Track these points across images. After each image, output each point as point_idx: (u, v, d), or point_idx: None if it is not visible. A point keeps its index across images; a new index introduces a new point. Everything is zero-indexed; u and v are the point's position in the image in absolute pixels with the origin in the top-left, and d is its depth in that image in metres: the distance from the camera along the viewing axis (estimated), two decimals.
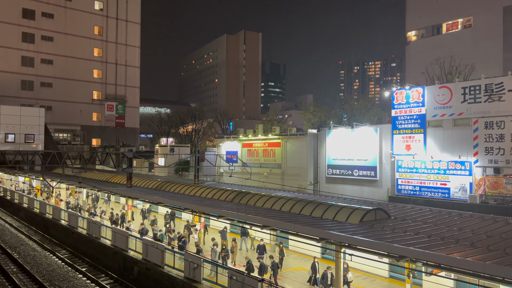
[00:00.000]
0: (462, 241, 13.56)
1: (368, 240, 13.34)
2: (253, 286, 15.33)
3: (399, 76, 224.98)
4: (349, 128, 36.55)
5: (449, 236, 14.28)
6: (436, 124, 30.42)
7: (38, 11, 70.01)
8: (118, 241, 24.14)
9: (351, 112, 62.95)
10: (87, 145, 72.50)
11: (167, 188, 30.03)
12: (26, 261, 24.48)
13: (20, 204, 42.13)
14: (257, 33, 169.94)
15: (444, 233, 14.87)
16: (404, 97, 31.96)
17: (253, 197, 22.80)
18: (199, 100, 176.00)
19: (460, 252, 12.09)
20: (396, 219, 17.98)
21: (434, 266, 12.20)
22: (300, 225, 15.84)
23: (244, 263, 18.40)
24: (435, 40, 73.69)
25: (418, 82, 45.42)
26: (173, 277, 19.07)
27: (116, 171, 42.17)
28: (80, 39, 74.37)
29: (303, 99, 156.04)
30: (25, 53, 68.77)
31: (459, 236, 14.22)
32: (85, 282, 21.04)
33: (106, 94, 77.61)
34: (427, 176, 30.25)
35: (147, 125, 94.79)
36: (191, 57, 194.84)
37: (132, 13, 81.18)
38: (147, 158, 54.75)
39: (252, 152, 45.73)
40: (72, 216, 30.74)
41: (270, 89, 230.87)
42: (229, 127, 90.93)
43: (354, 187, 35.31)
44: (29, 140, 55.57)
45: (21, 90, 68.17)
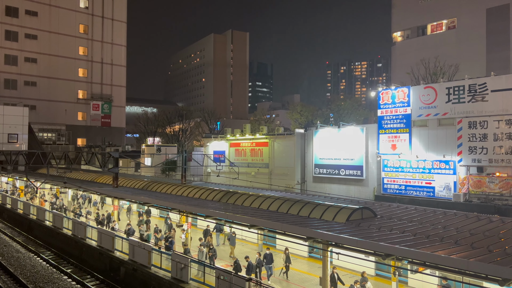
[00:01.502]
0: (446, 239, 13.76)
1: (355, 239, 13.46)
2: (241, 285, 15.33)
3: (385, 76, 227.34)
4: (336, 128, 36.80)
5: (434, 234, 14.49)
6: (421, 124, 30.83)
7: (22, 8, 68.83)
8: (104, 242, 23.88)
9: (338, 112, 63.40)
10: (72, 145, 71.47)
11: (154, 188, 29.82)
12: (9, 263, 24.04)
13: (3, 205, 41.37)
14: (245, 32, 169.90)
15: (429, 231, 15.08)
16: (390, 97, 32.32)
17: (240, 197, 22.79)
18: (186, 99, 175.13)
19: (444, 250, 12.27)
20: (382, 217, 18.17)
21: (419, 264, 12.38)
22: (288, 224, 15.89)
23: (231, 262, 18.40)
24: (420, 41, 74.71)
25: (403, 83, 45.95)
26: (160, 278, 18.95)
27: (102, 171, 41.68)
28: (65, 38, 73.34)
29: (291, 99, 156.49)
30: (8, 51, 67.55)
31: (444, 234, 14.44)
32: (71, 283, 20.76)
33: (91, 93, 76.69)
34: (412, 175, 30.64)
35: (133, 125, 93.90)
36: (178, 56, 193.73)
37: (118, 12, 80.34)
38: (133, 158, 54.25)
39: (239, 151, 45.70)
40: (56, 217, 30.30)
41: (257, 88, 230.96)
42: (217, 127, 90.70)
43: (340, 186, 35.56)
44: (12, 140, 54.60)
45: (4, 89, 66.94)
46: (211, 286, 17.09)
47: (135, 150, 75.22)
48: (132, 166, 57.49)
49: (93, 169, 48.39)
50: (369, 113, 70.17)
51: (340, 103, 67.40)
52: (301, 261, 21.33)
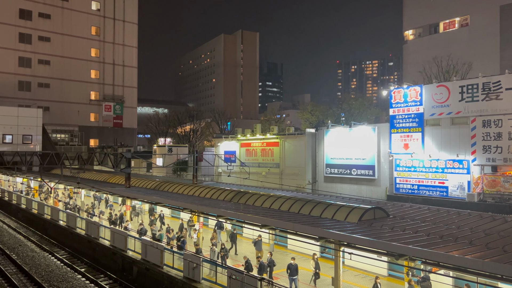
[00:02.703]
0: (460, 239, 13.61)
1: (367, 239, 13.37)
2: (253, 285, 15.34)
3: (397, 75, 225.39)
4: (347, 128, 36.61)
5: (448, 234, 14.33)
6: (434, 123, 30.50)
7: (35, 11, 69.84)
8: (117, 242, 24.11)
9: (349, 111, 63.04)
10: (85, 145, 72.32)
11: (165, 188, 30.01)
12: (25, 262, 24.42)
13: (18, 205, 42.02)
14: (255, 32, 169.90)
15: (442, 231, 14.92)
16: (402, 96, 32.04)
17: (251, 197, 22.81)
18: (196, 100, 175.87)
19: (459, 250, 12.13)
20: (394, 217, 18.02)
21: (433, 264, 12.25)
22: (299, 224, 15.86)
23: (242, 262, 18.42)
24: (432, 39, 73.89)
25: (415, 81, 45.54)
26: (172, 277, 19.06)
27: (114, 172, 42.12)
28: (77, 40, 74.21)
29: (301, 98, 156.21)
30: (22, 53, 68.60)
31: (458, 234, 14.27)
32: (84, 282, 21.01)
33: (103, 94, 77.49)
34: (425, 175, 30.33)
35: (145, 125, 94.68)
36: (189, 57, 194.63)
37: (129, 13, 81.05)
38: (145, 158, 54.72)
39: (250, 151, 45.74)
40: (70, 217, 30.68)
41: (267, 88, 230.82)
42: (227, 127, 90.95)
43: (352, 186, 35.36)
44: (27, 141, 55.46)
45: (18, 91, 68.00)
46: (223, 286, 17.14)
47: (147, 150, 75.92)
48: (144, 167, 58.00)
49: (105, 170, 48.91)
50: (380, 112, 69.68)
51: (351, 102, 67.03)
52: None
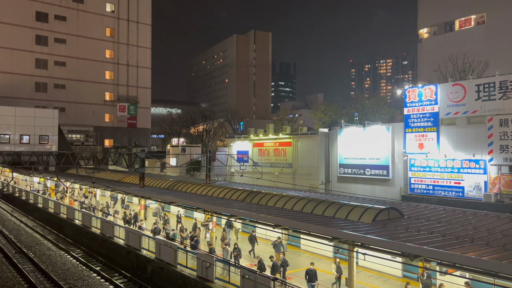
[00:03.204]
0: (477, 240, 13.39)
1: (382, 239, 13.25)
2: (266, 285, 15.34)
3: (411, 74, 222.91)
4: (360, 127, 36.33)
5: (464, 235, 14.12)
6: (449, 122, 30.06)
7: (51, 13, 71.05)
8: (131, 241, 24.35)
9: (363, 111, 62.54)
10: (100, 145, 73.31)
11: (179, 188, 30.21)
12: (41, 260, 24.84)
13: (35, 204, 42.77)
14: (267, 32, 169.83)
15: (458, 232, 14.70)
16: (417, 95, 31.65)
17: (264, 197, 22.81)
18: (209, 100, 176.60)
19: (475, 252, 11.94)
20: (409, 218, 17.83)
21: (448, 265, 12.08)
22: (313, 224, 15.80)
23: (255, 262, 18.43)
24: (447, 37, 72.83)
25: (430, 80, 44.93)
26: (186, 276, 19.18)
27: (128, 171, 42.57)
28: (92, 41, 75.26)
29: (314, 98, 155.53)
30: (39, 55, 69.85)
31: (474, 235, 14.05)
32: (100, 281, 21.27)
33: (118, 95, 78.40)
34: (440, 175, 29.91)
35: (158, 126, 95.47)
36: (201, 57, 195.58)
37: (143, 15, 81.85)
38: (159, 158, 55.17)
39: (263, 151, 45.74)
40: (86, 216, 31.11)
41: (280, 88, 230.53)
42: (240, 127, 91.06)
43: (366, 186, 35.07)
44: (43, 141, 56.42)
45: (35, 92, 69.27)
46: (236, 285, 17.17)
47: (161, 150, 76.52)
48: (157, 166, 58.49)
49: (120, 169, 49.48)
50: (394, 112, 68.95)
51: (364, 101, 66.50)
52: (326, 261, 21.17)
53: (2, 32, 66.28)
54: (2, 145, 52.97)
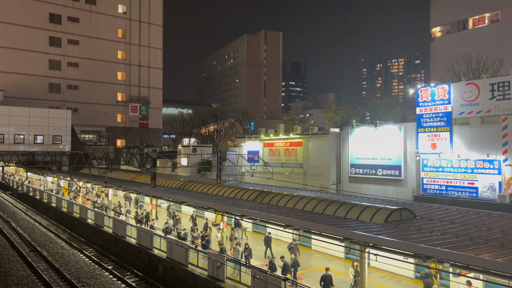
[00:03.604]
0: (491, 241, 13.19)
1: (394, 240, 13.13)
2: (277, 285, 15.32)
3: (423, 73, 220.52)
4: (372, 127, 36.06)
5: (478, 236, 13.92)
6: (462, 121, 29.67)
7: (64, 15, 71.98)
8: (143, 240, 24.54)
9: (374, 110, 62.09)
10: (112, 145, 74.03)
11: (190, 188, 30.35)
12: (55, 259, 25.17)
13: (48, 203, 43.36)
14: (278, 32, 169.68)
15: (472, 233, 14.50)
16: (429, 94, 31.31)
17: (275, 197, 22.78)
18: (220, 100, 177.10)
19: (489, 253, 11.76)
20: (422, 219, 17.64)
21: (462, 267, 11.92)
22: (324, 224, 15.73)
23: (266, 262, 18.43)
24: (461, 35, 71.92)
25: (443, 79, 44.40)
26: (197, 276, 19.25)
27: (140, 171, 42.91)
28: (104, 42, 76.05)
29: (325, 98, 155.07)
30: (53, 56, 70.83)
31: (489, 237, 13.84)
32: (112, 280, 21.46)
33: (130, 95, 79.08)
34: (453, 175, 29.54)
35: (169, 126, 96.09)
36: (212, 57, 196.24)
37: (154, 16, 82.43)
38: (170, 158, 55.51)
39: (273, 151, 45.70)
40: (98, 215, 31.44)
41: (291, 88, 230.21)
42: (250, 127, 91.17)
43: (377, 187, 34.80)
44: (56, 141, 57.18)
45: (48, 93, 70.26)
46: (247, 285, 17.18)
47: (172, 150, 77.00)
48: (169, 166, 58.87)
49: (132, 169, 49.91)
50: (406, 112, 68.30)
51: (376, 101, 66.03)
52: (337, 262, 21.06)
53: (17, 34, 67.38)
54: (17, 145, 53.84)
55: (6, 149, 50.52)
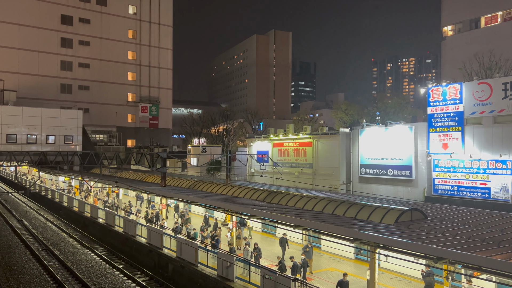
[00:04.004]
0: (504, 243, 13.00)
1: (404, 241, 13.02)
2: (286, 285, 15.29)
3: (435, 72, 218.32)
4: (382, 127, 35.81)
5: (490, 237, 13.74)
6: (474, 121, 29.29)
7: (76, 17, 72.73)
8: (153, 239, 24.68)
9: (385, 110, 61.63)
10: (122, 145, 74.60)
11: (199, 188, 30.45)
12: (66, 257, 25.45)
13: (60, 202, 43.87)
14: (287, 32, 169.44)
15: (484, 234, 14.32)
16: (441, 94, 30.98)
17: (284, 197, 22.75)
18: (229, 100, 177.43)
19: (502, 254, 11.60)
20: (433, 219, 17.47)
21: (474, 268, 11.77)
22: (333, 225, 15.66)
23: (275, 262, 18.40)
24: (473, 34, 71.01)
25: (455, 79, 43.88)
26: (206, 275, 19.30)
27: (150, 171, 43.17)
28: (115, 43, 76.67)
29: (335, 97, 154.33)
30: (64, 57, 71.61)
31: (501, 238, 13.65)
32: (122, 278, 21.63)
33: (140, 96, 79.62)
34: (465, 176, 29.19)
35: (179, 126, 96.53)
36: (222, 58, 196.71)
37: (164, 16, 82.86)
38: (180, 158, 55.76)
39: (283, 151, 45.64)
40: (109, 215, 31.71)
41: (300, 88, 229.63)
42: (260, 127, 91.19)
43: (388, 187, 34.55)
44: (68, 141, 57.80)
45: (60, 93, 71.05)
46: (256, 285, 17.18)
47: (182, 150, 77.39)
48: (179, 166, 59.11)
49: (142, 169, 50.24)
50: (417, 111, 67.62)
51: (386, 101, 65.53)
52: (347, 262, 20.95)
53: (29, 35, 68.28)
54: (29, 145, 54.55)
55: (19, 149, 51.23)
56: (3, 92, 58.44)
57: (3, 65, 66.06)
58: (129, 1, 78.43)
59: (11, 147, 51.73)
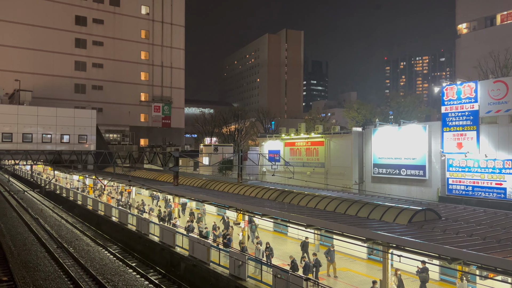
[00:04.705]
0: None
1: (418, 241, 12.88)
2: (298, 284, 15.27)
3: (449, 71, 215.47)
4: (396, 126, 35.48)
5: (506, 238, 13.50)
6: (490, 120, 28.83)
7: (90, 17, 73.63)
8: (166, 238, 24.87)
9: (398, 109, 61.04)
10: (135, 145, 75.28)
11: (211, 187, 30.57)
12: (80, 255, 25.80)
13: (74, 201, 44.48)
14: (299, 31, 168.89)
15: (500, 235, 14.08)
16: (455, 92, 30.56)
17: (296, 196, 22.70)
18: (241, 100, 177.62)
19: None
20: (447, 220, 17.25)
21: (489, 269, 11.59)
22: (346, 225, 15.57)
23: (287, 261, 18.38)
24: (488, 32, 69.89)
25: (469, 77, 43.27)
26: (218, 274, 19.38)
27: (163, 170, 43.48)
28: (128, 43, 77.40)
29: (347, 96, 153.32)
30: (78, 57, 72.56)
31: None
32: (135, 277, 21.85)
33: (152, 95, 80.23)
34: (480, 176, 28.76)
35: (191, 125, 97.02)
36: (233, 57, 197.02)
37: (176, 16, 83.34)
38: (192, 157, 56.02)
39: (294, 151, 45.53)
40: (122, 213, 32.03)
41: (312, 87, 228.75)
42: (271, 126, 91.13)
43: (401, 187, 34.23)
44: (82, 140, 58.52)
45: (74, 93, 72.01)
46: (268, 284, 17.19)
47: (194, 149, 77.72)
48: (191, 165, 59.42)
49: (155, 168, 50.62)
50: (431, 110, 66.81)
51: (400, 100, 64.86)
52: (359, 263, 20.82)
53: (44, 36, 69.34)
54: (44, 144, 55.36)
55: (35, 148, 52.05)
56: (19, 92, 59.44)
57: (19, 66, 67.24)
58: (141, 2, 79.07)
59: (27, 146, 52.58)
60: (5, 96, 62.81)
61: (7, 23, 66.67)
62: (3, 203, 48.58)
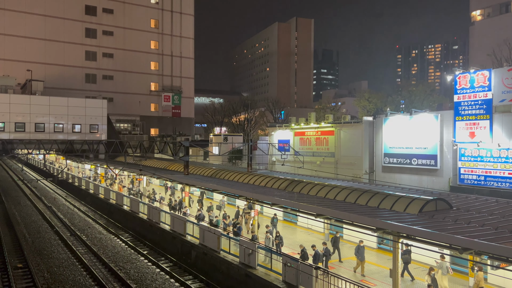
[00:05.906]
0: None
1: (428, 231, 12.82)
2: (308, 273, 15.35)
3: (462, 59, 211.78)
4: (407, 115, 35.11)
5: None
6: (504, 109, 28.34)
7: (99, 7, 73.76)
8: (177, 226, 25.13)
9: (409, 98, 60.35)
10: (146, 134, 75.79)
11: (221, 176, 30.71)
12: (93, 243, 26.23)
13: (86, 190, 45.09)
14: (309, 19, 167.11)
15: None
16: (468, 81, 30.06)
17: (306, 186, 22.70)
18: (251, 89, 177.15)
19: None
20: (458, 210, 17.12)
21: (501, 259, 11.50)
22: (356, 214, 15.55)
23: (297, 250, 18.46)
24: (503, 19, 68.36)
25: (483, 65, 42.52)
26: (229, 262, 19.56)
27: (173, 159, 43.78)
28: (138, 33, 77.46)
29: (357, 85, 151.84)
30: (88, 47, 72.92)
31: None
32: (147, 264, 22.18)
33: (162, 85, 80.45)
34: (493, 165, 28.39)
35: (201, 115, 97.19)
36: (243, 46, 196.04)
37: (186, 5, 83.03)
38: (202, 147, 56.27)
39: (304, 140, 45.41)
40: (133, 202, 32.41)
41: (322, 76, 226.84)
42: (281, 116, 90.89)
43: (412, 177, 33.98)
44: (93, 130, 59.10)
45: (85, 83, 72.56)
46: (278, 273, 17.31)
47: (204, 139, 78.02)
48: (201, 155, 59.73)
49: (165, 157, 51.00)
50: (443, 99, 65.95)
51: (411, 88, 64.08)
52: (370, 252, 20.82)
53: (55, 26, 69.73)
54: (57, 133, 56.04)
55: (47, 138, 52.72)
56: (31, 82, 60.05)
57: (31, 56, 67.82)
58: None
59: (39, 135, 53.27)
60: (17, 86, 63.51)
61: (18, 13, 67.13)
62: (17, 191, 49.48)
